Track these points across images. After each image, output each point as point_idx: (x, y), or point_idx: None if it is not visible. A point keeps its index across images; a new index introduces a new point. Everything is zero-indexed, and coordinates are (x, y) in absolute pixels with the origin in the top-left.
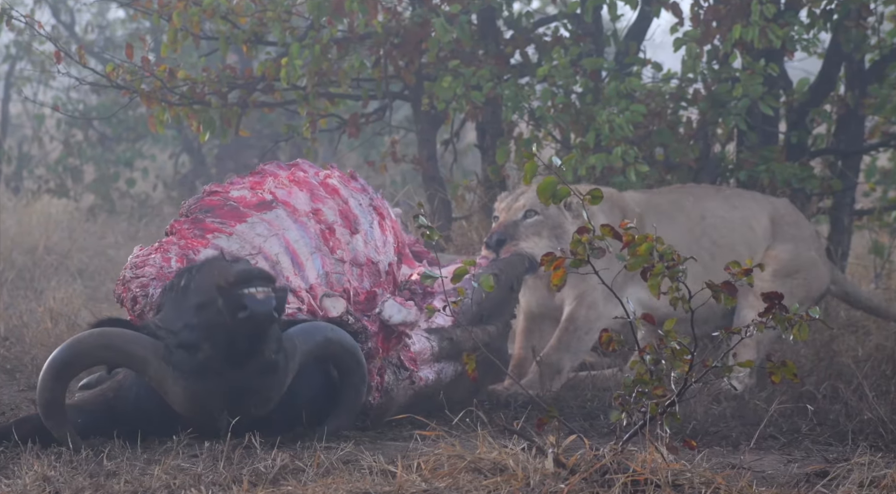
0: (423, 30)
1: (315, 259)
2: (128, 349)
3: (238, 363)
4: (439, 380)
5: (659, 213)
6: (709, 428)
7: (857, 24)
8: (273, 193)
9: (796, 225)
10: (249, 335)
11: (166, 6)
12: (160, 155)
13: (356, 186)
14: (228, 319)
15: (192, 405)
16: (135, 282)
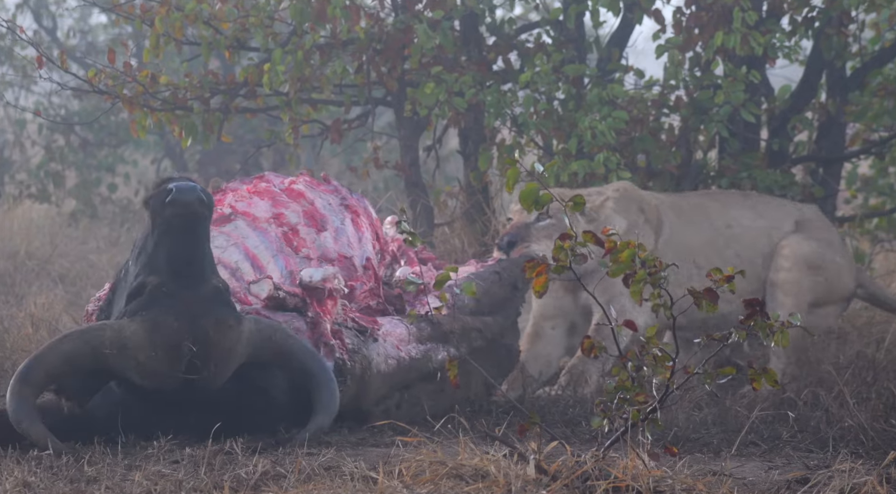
0: (406, 36)
1: (277, 260)
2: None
3: (183, 275)
4: (429, 358)
5: (680, 215)
6: (690, 435)
7: (838, 31)
8: (233, 206)
9: (822, 229)
10: (183, 223)
11: (148, 11)
12: (142, 160)
13: (327, 188)
14: (160, 212)
15: (154, 348)
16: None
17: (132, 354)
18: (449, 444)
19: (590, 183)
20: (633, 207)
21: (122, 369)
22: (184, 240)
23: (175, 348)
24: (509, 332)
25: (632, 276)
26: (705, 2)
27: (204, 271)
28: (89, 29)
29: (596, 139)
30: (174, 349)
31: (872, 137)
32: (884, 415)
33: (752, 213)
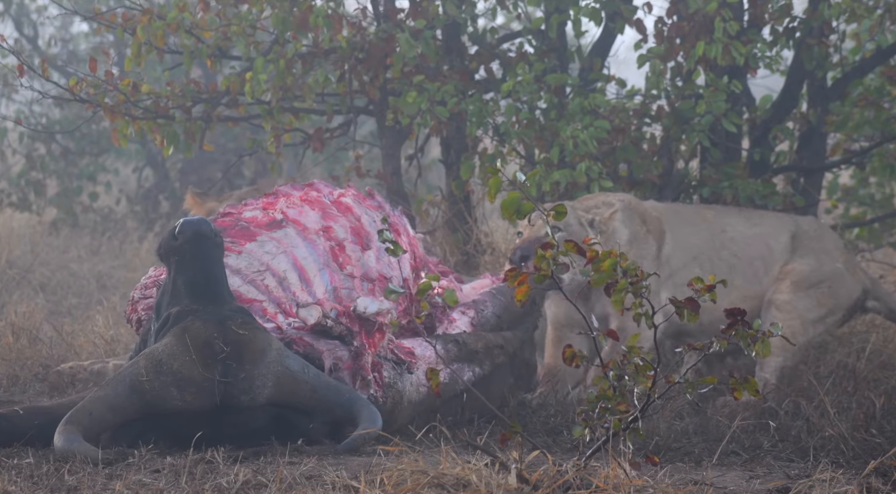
0: (388, 45)
1: (323, 275)
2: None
3: (203, 295)
4: (455, 380)
5: (681, 219)
6: (671, 444)
7: (819, 41)
8: (284, 212)
9: (819, 239)
10: (193, 250)
11: (130, 20)
12: (123, 169)
13: (372, 203)
14: (172, 247)
15: (187, 352)
16: (141, 303)
17: (168, 368)
18: (430, 453)
19: (572, 192)
20: (636, 218)
21: (161, 395)
22: (198, 262)
23: (208, 346)
24: (527, 346)
25: (613, 285)
26: (687, 12)
27: (223, 292)
28: (71, 37)
29: (578, 149)
30: (207, 348)
31: (853, 147)
32: (864, 425)
33: (748, 222)
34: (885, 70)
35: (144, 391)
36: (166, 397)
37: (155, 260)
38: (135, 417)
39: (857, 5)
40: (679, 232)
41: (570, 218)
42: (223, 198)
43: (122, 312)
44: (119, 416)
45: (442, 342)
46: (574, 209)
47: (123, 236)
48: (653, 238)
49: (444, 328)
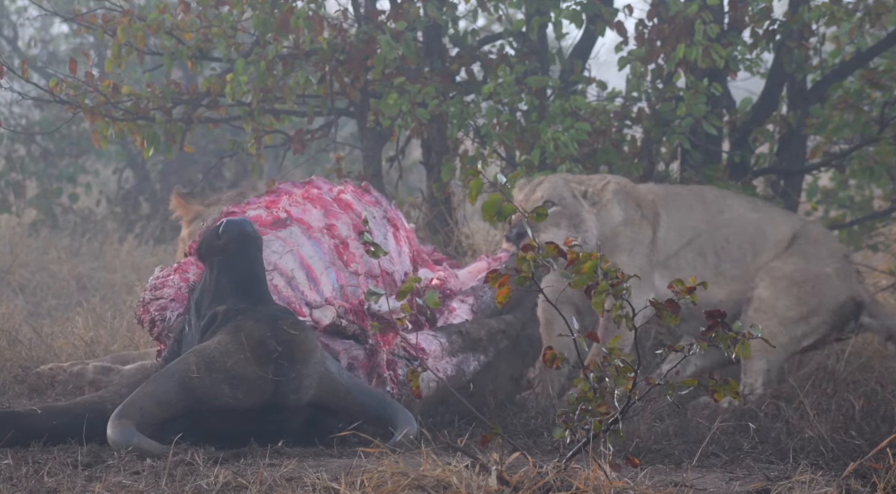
0: (369, 47)
1: (330, 273)
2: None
3: (250, 294)
4: (462, 372)
5: (677, 201)
6: (652, 446)
7: (799, 44)
8: (288, 211)
9: (816, 244)
10: (238, 249)
11: (110, 21)
12: (103, 170)
13: (370, 199)
14: (215, 246)
15: (242, 350)
16: (153, 304)
17: (221, 365)
18: (411, 455)
19: None
20: (630, 201)
21: (212, 392)
22: (243, 261)
23: (262, 345)
24: (530, 323)
25: (594, 287)
26: (667, 14)
27: (266, 291)
28: (51, 39)
29: (558, 150)
30: (262, 346)
31: (833, 150)
32: (844, 427)
33: (749, 205)
34: (865, 73)
35: (194, 388)
36: (217, 394)
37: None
38: (182, 413)
39: (836, 8)
40: (675, 215)
41: (564, 191)
42: (209, 201)
43: (101, 313)
44: (166, 412)
45: (445, 333)
46: (567, 182)
47: (103, 237)
48: (647, 222)
49: (445, 318)
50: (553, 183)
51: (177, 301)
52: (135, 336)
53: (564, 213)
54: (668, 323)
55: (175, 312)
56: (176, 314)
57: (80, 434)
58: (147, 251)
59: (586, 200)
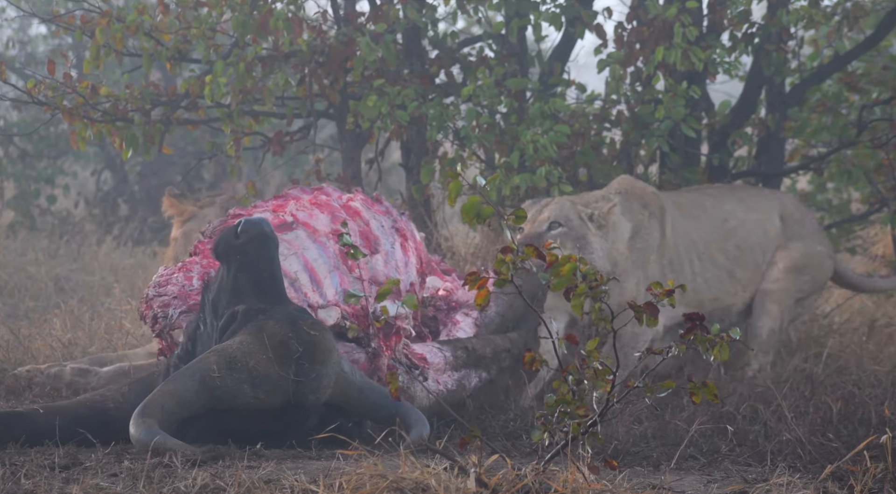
0: (348, 48)
1: (333, 277)
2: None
3: (269, 294)
4: (463, 387)
5: (681, 210)
6: (630, 448)
7: (777, 47)
8: (294, 215)
9: (802, 222)
10: (256, 249)
11: (89, 22)
12: (82, 172)
13: (380, 208)
14: (233, 245)
15: (264, 350)
16: (157, 301)
17: (243, 365)
18: (390, 457)
19: (531, 196)
20: (636, 205)
21: (233, 391)
22: (262, 261)
23: (284, 345)
24: (532, 342)
25: (573, 290)
26: (646, 17)
27: (284, 291)
28: (29, 40)
29: (538, 153)
30: (283, 347)
31: (811, 153)
32: (821, 429)
33: (744, 206)
34: (843, 76)
35: (215, 387)
36: (238, 393)
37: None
38: (201, 412)
39: (815, 12)
40: (683, 224)
41: (571, 213)
42: (202, 203)
43: (79, 315)
44: (186, 411)
45: (451, 348)
46: (574, 205)
47: (81, 239)
48: (656, 222)
49: (448, 330)
50: (560, 205)
51: (179, 299)
52: (113, 338)
53: (570, 235)
54: (648, 326)
55: (178, 309)
56: (178, 312)
57: (81, 433)
58: (125, 253)
59: (592, 223)
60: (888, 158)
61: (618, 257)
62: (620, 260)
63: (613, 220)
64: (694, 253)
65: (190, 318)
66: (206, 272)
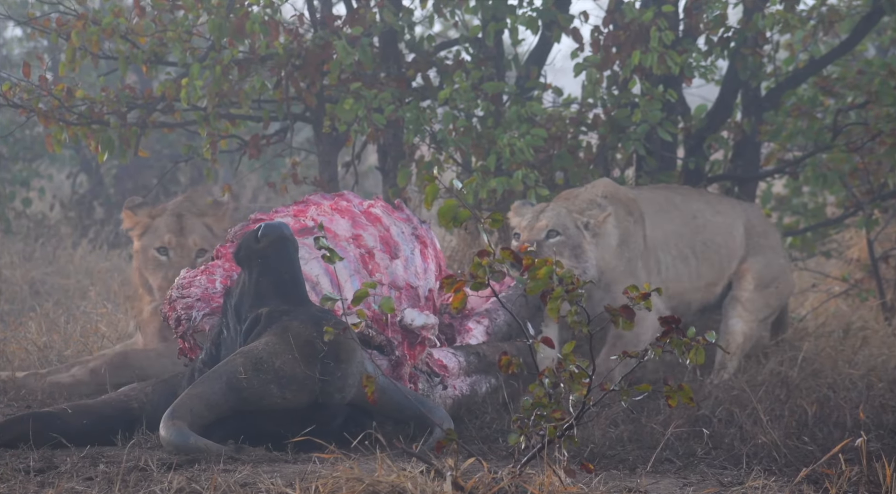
0: (325, 52)
1: (354, 281)
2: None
3: (292, 295)
4: (475, 392)
5: (655, 206)
6: (606, 452)
7: (753, 51)
8: (315, 220)
9: (765, 235)
10: (278, 252)
11: (65, 25)
12: (57, 175)
13: (400, 216)
14: (254, 250)
15: (290, 350)
16: (180, 303)
17: (269, 366)
18: (366, 461)
19: (508, 200)
20: (622, 212)
21: (260, 392)
22: (284, 264)
23: (309, 345)
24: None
25: (549, 293)
26: (623, 21)
27: (305, 293)
28: (4, 42)
29: (514, 156)
30: (309, 346)
31: (787, 157)
32: (796, 432)
33: (711, 209)
34: (818, 80)
35: (242, 389)
36: (265, 394)
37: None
38: (228, 414)
39: (790, 16)
40: (656, 219)
41: (568, 222)
42: (155, 211)
43: (54, 318)
44: (214, 413)
45: (464, 353)
46: (570, 213)
47: (57, 242)
48: (639, 227)
49: (462, 337)
50: (556, 212)
51: (202, 301)
52: (88, 341)
53: (567, 243)
54: (623, 329)
55: (201, 312)
56: (202, 314)
57: (106, 433)
58: (101, 256)
59: (588, 231)
60: (863, 162)
61: (605, 266)
62: (608, 269)
63: (607, 230)
64: (664, 247)
65: (213, 321)
66: (229, 275)
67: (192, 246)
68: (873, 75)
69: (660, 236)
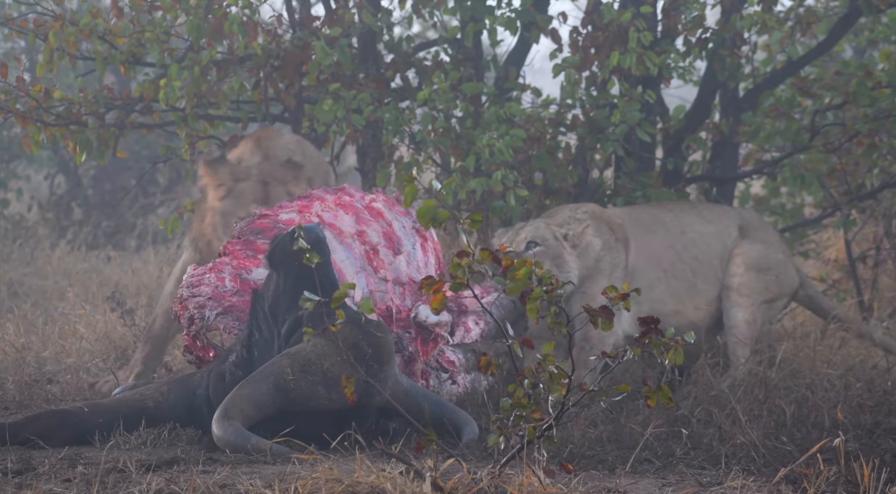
0: (304, 52)
1: (360, 278)
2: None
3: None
4: (475, 389)
5: (642, 226)
6: (585, 452)
7: (731, 52)
8: (320, 216)
9: (763, 230)
10: (318, 253)
11: (42, 26)
12: (35, 176)
13: (400, 209)
14: (291, 252)
15: (338, 352)
16: (192, 301)
17: (317, 367)
18: (345, 462)
19: (488, 201)
20: (604, 227)
21: (307, 393)
22: (321, 266)
23: (356, 347)
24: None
25: (529, 294)
26: (601, 22)
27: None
28: None
29: (494, 157)
30: (356, 349)
31: (765, 158)
32: (775, 433)
33: (702, 219)
34: (796, 81)
35: (289, 390)
36: (312, 395)
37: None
38: (274, 415)
39: (768, 17)
40: (642, 239)
41: (546, 233)
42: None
43: (32, 319)
44: (261, 413)
45: (462, 350)
46: (549, 226)
47: (35, 243)
48: (621, 245)
49: (462, 334)
50: (535, 226)
51: (214, 300)
52: (66, 343)
53: (547, 253)
54: (602, 330)
55: (214, 311)
56: (215, 314)
57: (122, 431)
58: (79, 257)
59: (567, 242)
60: (841, 162)
61: (586, 273)
62: (587, 274)
63: (587, 240)
64: (656, 267)
65: (226, 320)
66: (237, 273)
67: None
68: (850, 76)
69: (649, 255)
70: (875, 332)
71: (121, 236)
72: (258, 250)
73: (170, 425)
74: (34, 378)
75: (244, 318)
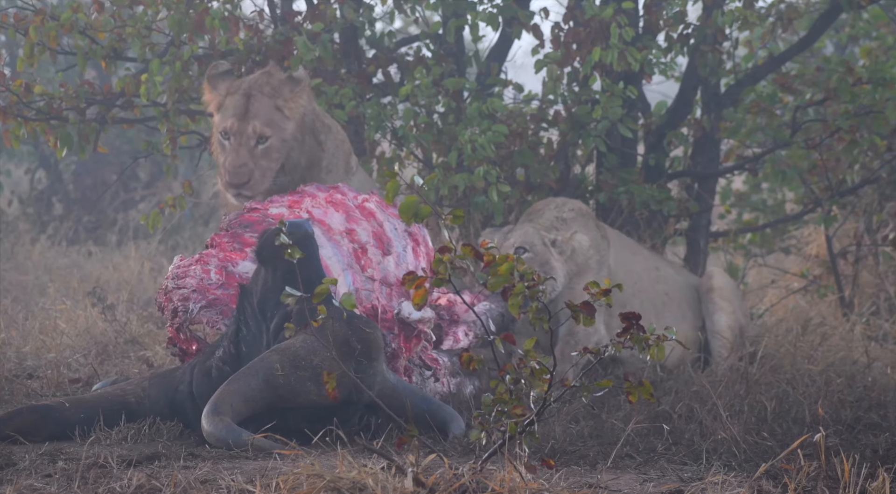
0: (286, 48)
1: (346, 276)
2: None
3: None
4: (460, 392)
5: (622, 242)
6: (567, 448)
7: (713, 48)
8: (310, 212)
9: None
10: (303, 250)
11: (23, 20)
12: (16, 171)
13: (394, 212)
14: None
15: (327, 348)
16: (176, 294)
17: (307, 363)
18: (327, 457)
19: (470, 196)
20: (591, 223)
21: (296, 389)
22: (310, 261)
23: (346, 343)
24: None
25: (510, 289)
26: (583, 18)
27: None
28: None
29: (476, 153)
30: (346, 345)
31: (746, 154)
32: (756, 428)
33: (673, 268)
34: (777, 77)
35: (278, 386)
36: (301, 391)
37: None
38: (263, 410)
39: (749, 13)
40: (621, 252)
41: (534, 239)
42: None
43: (12, 315)
44: (250, 408)
45: (448, 354)
46: (537, 230)
47: (15, 238)
48: (606, 244)
49: (451, 344)
50: (524, 232)
51: (199, 292)
52: (47, 338)
53: (535, 260)
54: (585, 325)
55: (198, 304)
56: (199, 307)
57: (104, 426)
58: (60, 252)
59: (555, 248)
60: (822, 158)
61: (575, 270)
62: (576, 271)
63: (573, 246)
64: (633, 284)
65: (210, 314)
66: (224, 266)
67: (251, 133)
68: (831, 72)
69: (627, 270)
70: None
71: (102, 231)
72: (245, 243)
73: (151, 420)
74: (14, 374)
75: (228, 312)
